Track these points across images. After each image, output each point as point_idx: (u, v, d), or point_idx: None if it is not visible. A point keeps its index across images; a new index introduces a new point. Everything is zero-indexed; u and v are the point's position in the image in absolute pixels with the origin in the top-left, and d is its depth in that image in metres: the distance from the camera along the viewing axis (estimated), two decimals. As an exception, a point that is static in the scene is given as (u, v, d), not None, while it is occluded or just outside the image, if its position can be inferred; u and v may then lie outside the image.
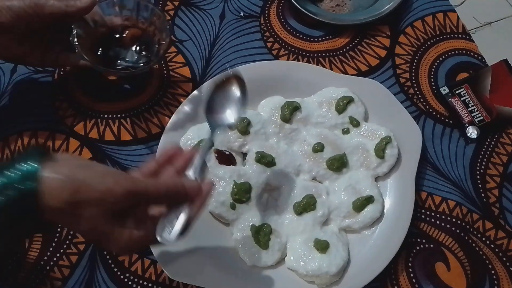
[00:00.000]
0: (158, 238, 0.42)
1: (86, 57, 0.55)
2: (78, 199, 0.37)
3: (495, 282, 0.55)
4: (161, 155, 0.47)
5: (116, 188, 0.39)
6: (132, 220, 0.42)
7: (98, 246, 0.44)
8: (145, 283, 0.55)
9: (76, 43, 0.55)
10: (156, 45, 0.60)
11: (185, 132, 0.60)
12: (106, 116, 0.64)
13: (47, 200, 0.36)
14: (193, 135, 0.60)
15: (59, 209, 0.37)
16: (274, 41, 0.69)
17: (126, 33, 0.60)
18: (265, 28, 0.70)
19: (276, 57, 0.68)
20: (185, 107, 0.62)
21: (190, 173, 0.46)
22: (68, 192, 0.37)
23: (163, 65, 0.68)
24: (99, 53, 0.60)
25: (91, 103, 0.65)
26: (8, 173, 0.36)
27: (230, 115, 0.51)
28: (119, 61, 0.60)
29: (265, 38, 0.70)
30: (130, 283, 0.55)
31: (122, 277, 0.55)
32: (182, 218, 0.42)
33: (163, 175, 0.45)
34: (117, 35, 0.60)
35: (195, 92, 0.63)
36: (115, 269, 0.56)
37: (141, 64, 0.59)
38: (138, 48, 0.60)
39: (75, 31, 0.55)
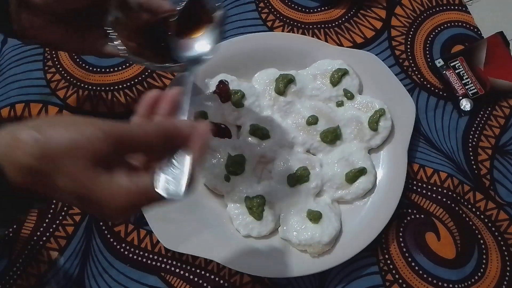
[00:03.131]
0: (162, 193, 0.33)
1: (121, 47, 0.46)
2: (49, 150, 0.31)
3: (484, 251, 0.57)
4: (142, 105, 0.39)
5: (93, 131, 0.32)
6: (122, 171, 0.33)
7: (88, 210, 0.34)
8: (141, 253, 0.56)
9: (111, 30, 0.46)
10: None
11: (179, 105, 0.60)
12: (99, 88, 0.64)
13: (13, 165, 0.31)
14: (187, 107, 0.60)
15: (30, 168, 0.31)
16: (269, 12, 0.68)
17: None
18: (259, -1, 0.69)
19: (271, 29, 0.67)
20: (179, 79, 0.61)
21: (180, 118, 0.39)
22: (35, 145, 0.31)
23: (156, 36, 0.67)
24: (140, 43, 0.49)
25: (83, 75, 0.64)
26: None
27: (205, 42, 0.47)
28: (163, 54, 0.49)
29: (259, 9, 0.69)
30: (126, 253, 0.56)
31: (118, 247, 0.56)
32: (185, 166, 0.34)
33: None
34: (164, 24, 0.49)
35: (188, 64, 0.62)
36: (111, 240, 0.56)
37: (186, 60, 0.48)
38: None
39: (112, 15, 0.46)
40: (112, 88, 0.64)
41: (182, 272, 0.55)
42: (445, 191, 0.59)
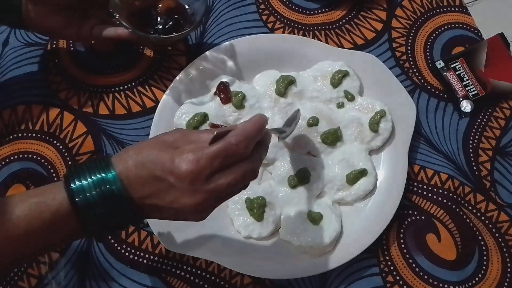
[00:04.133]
0: None
1: (125, 24, 0.56)
2: (140, 145, 0.42)
3: (484, 252, 0.57)
4: None
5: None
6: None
7: (166, 182, 0.40)
8: (141, 254, 0.56)
9: (114, 11, 0.55)
10: (192, 13, 0.60)
11: (180, 106, 0.60)
12: (100, 89, 0.64)
13: (130, 184, 0.40)
14: (188, 109, 0.60)
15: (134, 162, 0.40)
16: (269, 14, 0.68)
17: (161, 5, 0.60)
18: (260, 1, 0.69)
19: (272, 30, 0.67)
20: (180, 81, 0.61)
21: None
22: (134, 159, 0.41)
23: (157, 38, 0.67)
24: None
25: (84, 76, 0.65)
26: (99, 175, 0.40)
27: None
28: (154, 32, 0.59)
29: (260, 10, 0.69)
30: (127, 254, 0.56)
31: (119, 248, 0.56)
32: None
33: None
34: (152, 8, 0.60)
35: (189, 65, 0.62)
36: (112, 241, 0.57)
37: (174, 33, 0.58)
38: (174, 19, 0.60)
39: (113, 1, 0.56)
40: (113, 89, 0.64)
41: (182, 274, 0.55)
42: (445, 192, 0.59)
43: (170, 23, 0.59)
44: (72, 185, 0.39)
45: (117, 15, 0.55)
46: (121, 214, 0.40)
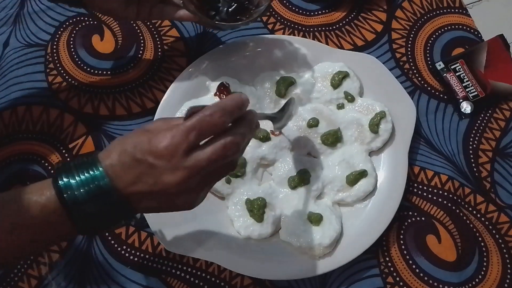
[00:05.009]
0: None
1: (188, 5, 0.54)
2: (122, 137, 0.41)
3: (485, 254, 0.57)
4: None
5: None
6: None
7: (148, 166, 0.39)
8: (141, 255, 0.56)
9: None
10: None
11: (180, 107, 0.60)
12: (100, 90, 0.64)
13: (117, 178, 0.40)
14: (188, 110, 0.60)
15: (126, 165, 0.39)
16: (269, 15, 0.68)
17: None
18: (260, 2, 0.69)
19: (272, 32, 0.68)
20: (180, 82, 0.61)
21: None
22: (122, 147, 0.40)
23: (157, 39, 0.67)
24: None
25: (85, 77, 0.65)
26: (87, 173, 0.39)
27: None
28: (216, 13, 0.57)
29: (260, 12, 0.69)
30: (127, 255, 0.56)
31: (119, 249, 0.56)
32: None
33: None
34: None
35: (189, 66, 0.62)
36: (112, 242, 0.57)
37: (242, 18, 0.56)
38: (237, 1, 0.57)
39: None
40: (113, 90, 0.64)
41: (182, 274, 0.55)
42: (445, 193, 0.59)
43: (234, 5, 0.56)
44: (60, 181, 0.39)
45: None
46: (110, 209, 0.40)
